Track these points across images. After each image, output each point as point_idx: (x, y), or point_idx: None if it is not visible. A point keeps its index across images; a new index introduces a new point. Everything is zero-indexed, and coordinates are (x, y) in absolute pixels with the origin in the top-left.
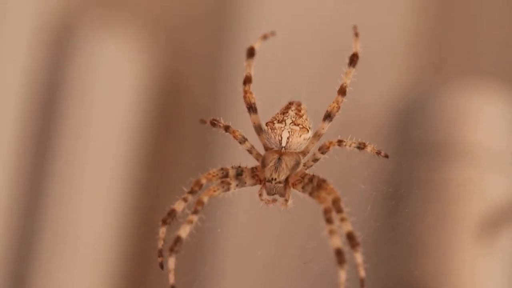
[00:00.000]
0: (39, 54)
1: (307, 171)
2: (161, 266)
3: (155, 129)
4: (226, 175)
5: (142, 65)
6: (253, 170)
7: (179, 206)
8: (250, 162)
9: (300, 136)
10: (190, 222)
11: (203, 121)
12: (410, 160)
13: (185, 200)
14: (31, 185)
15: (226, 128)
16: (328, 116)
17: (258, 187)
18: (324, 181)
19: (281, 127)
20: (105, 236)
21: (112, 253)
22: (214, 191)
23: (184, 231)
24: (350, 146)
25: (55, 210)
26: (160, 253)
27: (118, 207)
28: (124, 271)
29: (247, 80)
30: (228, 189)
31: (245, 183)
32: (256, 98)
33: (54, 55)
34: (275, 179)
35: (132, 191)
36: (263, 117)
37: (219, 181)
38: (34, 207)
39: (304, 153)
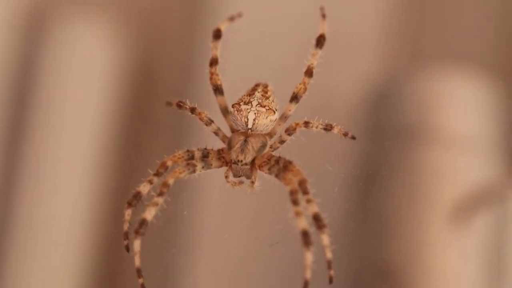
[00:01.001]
0: (12, 41)
1: (273, 153)
2: (127, 248)
3: (127, 114)
4: (192, 157)
5: (115, 50)
6: (219, 152)
7: (144, 188)
8: (217, 144)
9: (267, 117)
10: (156, 204)
11: (169, 104)
12: (381, 143)
13: (150, 182)
14: (1, 172)
15: (192, 110)
16: (294, 98)
17: (224, 169)
18: (290, 162)
19: (247, 109)
20: (73, 219)
21: (81, 236)
22: (180, 173)
23: (149, 214)
24: (316, 127)
25: (27, 194)
26: (126, 236)
27: (88, 190)
28: (93, 255)
29: (214, 62)
30: (194, 171)
31: (211, 165)
32: (223, 79)
33: (27, 42)
34: (241, 161)
35: (104, 176)
36: (230, 99)
37: (184, 163)
38: (5, 193)
39: (270, 135)
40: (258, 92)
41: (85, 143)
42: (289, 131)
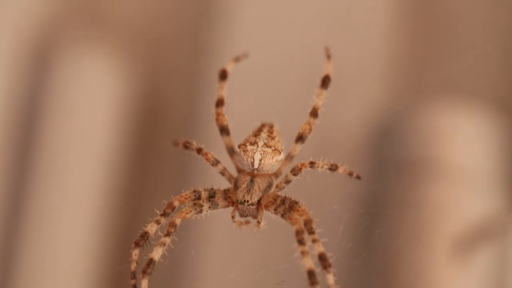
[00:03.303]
0: (19, 72)
1: (279, 193)
2: None
3: (132, 149)
4: (199, 197)
5: (121, 83)
6: (226, 192)
7: (151, 228)
8: (223, 183)
9: (273, 158)
10: (163, 244)
11: (176, 143)
12: (385, 180)
13: (157, 222)
14: (10, 209)
15: (199, 151)
16: (300, 138)
17: (230, 209)
18: (296, 202)
19: (254, 149)
20: (81, 258)
21: (87, 275)
22: (187, 213)
23: (157, 253)
24: (322, 167)
25: (31, 234)
26: (133, 275)
27: (94, 229)
28: None
29: (220, 103)
30: (201, 211)
31: (218, 205)
32: (229, 120)
33: (34, 74)
34: (248, 201)
35: (108, 213)
36: (236, 138)
37: (191, 203)
38: (12, 232)
39: (276, 175)
40: (264, 132)
41: (89, 180)
42: (295, 171)
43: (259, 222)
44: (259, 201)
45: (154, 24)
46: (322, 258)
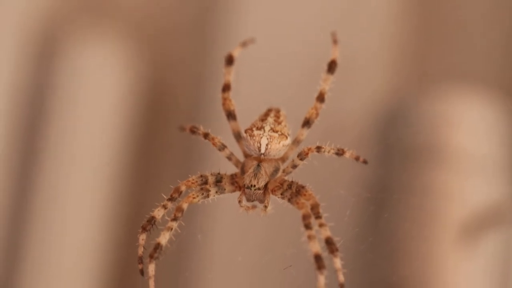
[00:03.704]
0: (24, 64)
1: (286, 177)
2: (142, 272)
3: (139, 137)
4: (206, 182)
5: (126, 72)
6: (233, 177)
7: (158, 213)
8: (230, 168)
9: (279, 142)
10: (170, 228)
11: (182, 128)
12: (391, 165)
13: (164, 207)
14: (18, 194)
15: (205, 135)
16: (306, 123)
17: (237, 193)
18: (303, 187)
19: (260, 134)
20: (87, 242)
21: (94, 259)
22: (194, 197)
23: (164, 238)
24: (328, 152)
25: (41, 217)
26: (141, 260)
27: (102, 215)
28: (105, 278)
29: (226, 88)
30: (208, 196)
31: (225, 189)
32: (236, 105)
33: (40, 62)
34: (255, 185)
35: (115, 199)
36: (243, 123)
37: (198, 188)
38: (19, 215)
39: (283, 159)
40: (271, 117)
41: (96, 167)
42: (302, 156)
43: (266, 207)
44: (266, 186)
45: (161, 12)
46: (329, 242)
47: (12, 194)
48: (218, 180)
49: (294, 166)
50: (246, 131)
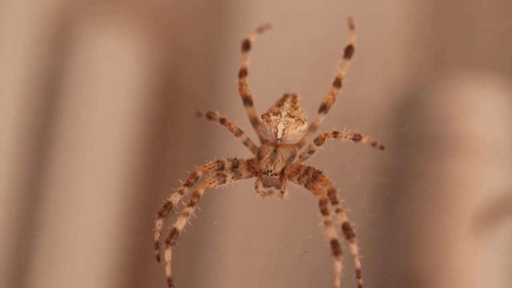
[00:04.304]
0: (38, 51)
1: (302, 163)
2: (158, 258)
3: (155, 124)
4: (222, 168)
5: (141, 60)
6: (249, 162)
7: (175, 198)
8: (246, 154)
9: (296, 128)
10: (186, 214)
11: (199, 114)
12: (407, 152)
13: (181, 192)
14: (31, 179)
15: (222, 121)
16: (323, 108)
17: (254, 179)
18: (319, 172)
19: (277, 119)
20: (104, 228)
21: (110, 245)
22: (210, 183)
23: (180, 223)
24: (345, 137)
25: (55, 203)
26: (157, 246)
27: (118, 200)
28: (122, 263)
29: (243, 73)
30: (224, 181)
31: (241, 175)
32: (252, 90)
33: (53, 53)
34: (271, 171)
35: (131, 185)
36: (259, 109)
37: (215, 173)
38: (33, 199)
39: (299, 145)
40: (287, 102)
41: (113, 153)
42: (318, 141)
43: (282, 192)
44: (282, 171)
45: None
46: (345, 228)
47: (28, 180)
48: (235, 166)
49: (311, 152)
50: (262, 117)
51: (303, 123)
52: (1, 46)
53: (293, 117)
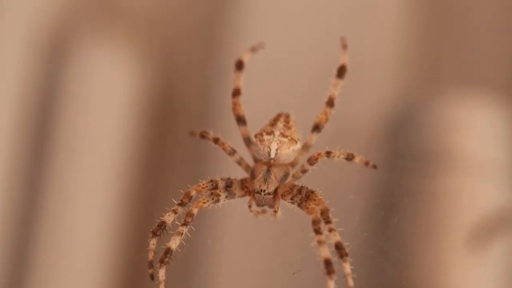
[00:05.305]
0: (33, 67)
1: (295, 182)
2: (152, 277)
3: (149, 142)
4: (216, 187)
5: (135, 77)
6: (243, 181)
7: (169, 218)
8: (240, 173)
9: (289, 147)
10: (180, 233)
11: (193, 133)
12: (400, 170)
13: (175, 212)
14: (25, 198)
15: (215, 141)
16: (316, 128)
17: (247, 198)
18: (312, 192)
19: (270, 139)
20: (97, 247)
21: (104, 264)
22: (204, 202)
23: (174, 243)
24: (338, 157)
25: (50, 221)
26: (151, 265)
27: (111, 219)
28: (116, 282)
29: (236, 92)
30: (218, 201)
31: (235, 194)
32: (246, 109)
33: (48, 69)
34: (264, 190)
35: (124, 203)
36: (252, 128)
37: (208, 192)
38: (27, 224)
39: (293, 164)
40: (280, 122)
41: (106, 170)
42: (311, 161)
43: (275, 212)
44: (275, 191)
45: (170, 16)
46: (338, 247)
47: (22, 198)
48: (228, 185)
49: (304, 171)
50: (256, 136)
51: (296, 142)
52: None
53: (286, 136)
